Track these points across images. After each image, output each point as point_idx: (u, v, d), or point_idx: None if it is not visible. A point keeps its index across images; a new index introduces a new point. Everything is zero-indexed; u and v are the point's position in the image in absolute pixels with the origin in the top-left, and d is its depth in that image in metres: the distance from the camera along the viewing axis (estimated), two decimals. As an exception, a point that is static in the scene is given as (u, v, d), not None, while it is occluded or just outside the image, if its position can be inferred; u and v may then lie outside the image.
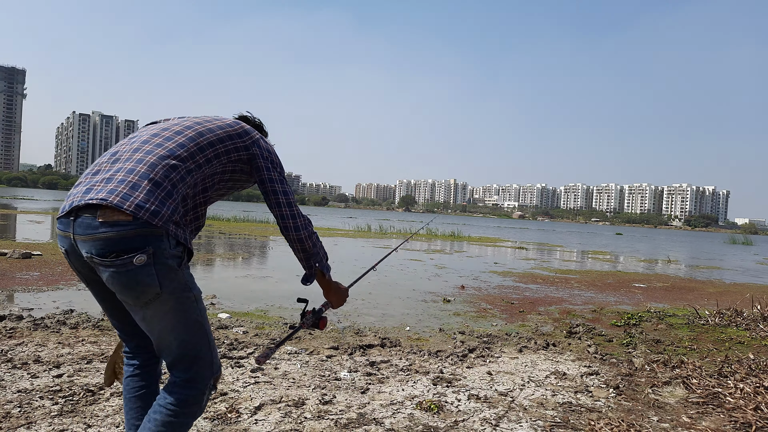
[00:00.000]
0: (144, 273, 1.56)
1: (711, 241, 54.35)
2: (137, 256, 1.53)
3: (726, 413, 3.14)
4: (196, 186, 1.76)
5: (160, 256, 1.57)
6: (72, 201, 1.60)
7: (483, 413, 3.01)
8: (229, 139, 1.82)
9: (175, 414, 1.69)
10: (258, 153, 1.86)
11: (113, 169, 1.65)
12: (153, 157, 1.65)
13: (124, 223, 1.53)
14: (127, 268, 1.55)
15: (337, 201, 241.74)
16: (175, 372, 1.75)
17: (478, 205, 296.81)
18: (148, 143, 1.72)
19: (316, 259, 1.95)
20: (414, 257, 13.57)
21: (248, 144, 1.86)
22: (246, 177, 1.93)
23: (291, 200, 1.87)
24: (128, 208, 1.52)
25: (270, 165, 1.87)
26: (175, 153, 1.69)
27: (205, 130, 1.80)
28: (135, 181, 1.59)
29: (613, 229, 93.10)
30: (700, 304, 7.69)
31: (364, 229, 27.09)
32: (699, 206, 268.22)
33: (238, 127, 1.87)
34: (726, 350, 4.76)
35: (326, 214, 68.38)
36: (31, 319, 4.55)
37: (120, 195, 1.55)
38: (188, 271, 1.70)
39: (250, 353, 3.93)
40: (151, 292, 1.59)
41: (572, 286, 9.63)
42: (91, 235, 1.54)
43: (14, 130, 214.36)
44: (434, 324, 5.56)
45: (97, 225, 1.53)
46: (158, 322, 1.68)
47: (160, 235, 1.57)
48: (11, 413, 2.60)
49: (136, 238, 1.53)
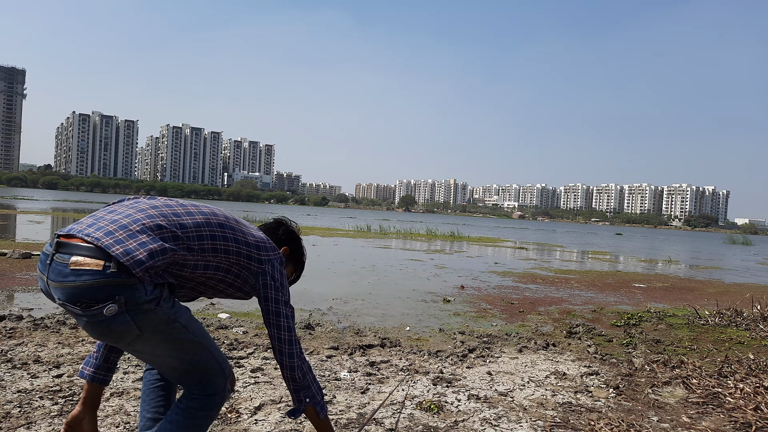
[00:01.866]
0: (117, 321, 1.51)
1: (711, 241, 54.36)
2: (107, 307, 1.48)
3: (726, 413, 3.15)
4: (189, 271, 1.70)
5: (133, 304, 1.52)
6: (71, 227, 1.58)
7: (483, 413, 3.01)
8: (246, 247, 1.78)
9: (195, 417, 1.72)
10: (269, 271, 1.82)
11: (123, 213, 1.63)
12: (160, 221, 1.63)
13: (92, 272, 1.47)
14: (98, 318, 1.50)
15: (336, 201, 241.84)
16: (188, 388, 1.76)
17: (478, 205, 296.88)
18: (168, 207, 1.71)
19: (307, 393, 1.88)
20: (414, 257, 13.57)
21: (263, 259, 1.82)
22: (247, 287, 1.85)
23: (288, 325, 1.83)
24: (114, 252, 1.48)
25: (278, 285, 1.83)
26: (184, 228, 1.66)
27: (230, 226, 1.77)
28: (135, 230, 1.56)
29: (613, 229, 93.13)
30: (700, 304, 7.69)
31: (364, 229, 27.09)
32: (699, 206, 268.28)
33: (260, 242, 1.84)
34: (726, 350, 4.76)
35: (326, 214, 68.38)
36: (31, 319, 4.55)
37: (113, 238, 1.52)
38: (169, 304, 1.63)
39: (250, 353, 3.93)
40: (130, 336, 1.56)
41: (572, 286, 9.63)
42: (61, 282, 1.49)
43: (14, 130, 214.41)
44: (434, 324, 5.56)
45: (67, 273, 1.48)
46: (150, 353, 1.68)
47: (132, 284, 1.51)
48: (11, 413, 2.60)
49: (106, 288, 1.48)
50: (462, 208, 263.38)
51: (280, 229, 2.12)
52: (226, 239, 1.73)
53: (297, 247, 2.14)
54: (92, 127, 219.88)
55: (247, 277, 1.81)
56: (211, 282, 1.78)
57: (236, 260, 1.76)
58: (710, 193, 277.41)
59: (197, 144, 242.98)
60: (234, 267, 1.77)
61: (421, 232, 27.56)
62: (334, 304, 6.35)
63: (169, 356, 1.68)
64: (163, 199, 1.79)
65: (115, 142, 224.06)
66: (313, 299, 6.55)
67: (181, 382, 1.76)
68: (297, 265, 2.15)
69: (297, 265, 2.15)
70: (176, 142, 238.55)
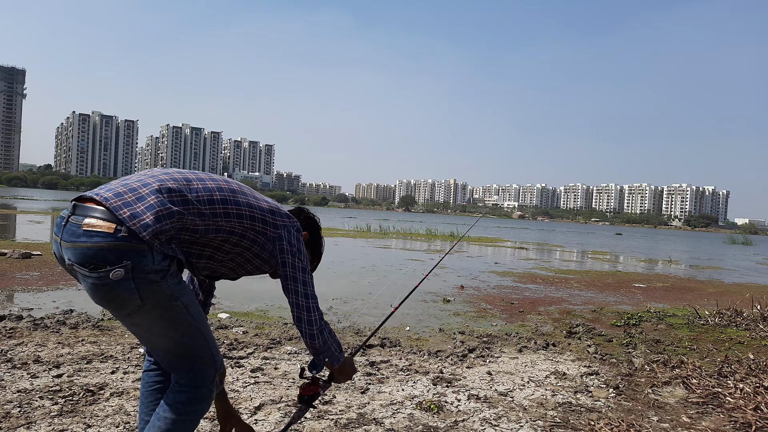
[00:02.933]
0: (122, 287, 1.53)
1: (711, 241, 54.36)
2: (114, 271, 1.50)
3: (726, 413, 3.15)
4: (202, 235, 1.71)
5: (139, 271, 1.53)
6: (86, 192, 1.62)
7: (483, 413, 3.01)
8: (260, 211, 1.79)
9: (184, 412, 1.71)
10: (285, 236, 1.83)
11: (135, 177, 1.67)
12: (171, 184, 1.65)
13: (103, 234, 1.49)
14: (103, 281, 1.52)
15: (336, 201, 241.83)
16: (177, 375, 1.74)
17: (478, 205, 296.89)
18: (180, 173, 1.73)
19: (326, 355, 1.92)
20: (414, 257, 13.57)
21: (278, 224, 1.83)
22: (265, 254, 1.85)
23: (308, 292, 1.84)
24: (122, 215, 1.51)
25: (295, 250, 1.83)
26: (195, 192, 1.68)
27: (242, 191, 1.79)
28: (144, 193, 1.58)
29: (613, 229, 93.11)
30: (699, 304, 7.69)
31: (364, 229, 27.09)
32: (699, 206, 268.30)
33: (276, 208, 1.85)
34: (726, 350, 4.76)
35: (326, 214, 68.35)
36: (30, 319, 4.55)
37: (122, 200, 1.55)
38: (175, 280, 1.64)
39: (250, 353, 3.93)
40: (131, 305, 1.57)
41: (572, 286, 9.63)
42: (72, 242, 1.52)
43: (14, 130, 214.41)
44: (434, 324, 5.56)
45: (80, 233, 1.51)
46: (146, 330, 1.67)
47: (142, 249, 1.53)
48: (11, 413, 2.60)
49: (114, 251, 1.50)
50: (462, 208, 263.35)
51: (302, 215, 2.10)
52: (239, 204, 1.74)
53: (317, 235, 2.11)
54: (92, 127, 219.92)
55: (264, 243, 1.81)
56: (228, 247, 1.77)
57: (251, 225, 1.76)
58: (710, 193, 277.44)
59: (197, 144, 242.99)
60: (249, 232, 1.77)
61: (420, 232, 27.56)
62: (334, 304, 6.35)
63: (165, 336, 1.67)
64: (183, 170, 1.80)
65: (115, 142, 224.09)
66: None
67: (173, 367, 1.74)
68: (315, 254, 2.13)
69: (315, 254, 2.13)
70: (176, 142, 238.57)
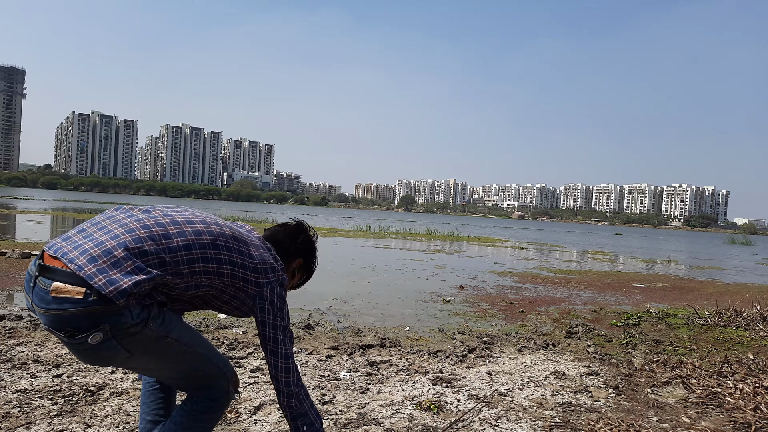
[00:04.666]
0: (104, 348, 1.46)
1: (710, 241, 54.36)
2: (92, 335, 1.43)
3: (725, 413, 3.15)
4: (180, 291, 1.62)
5: (119, 330, 1.46)
6: (59, 247, 1.51)
7: (483, 413, 3.01)
8: (242, 269, 1.68)
9: (199, 419, 1.72)
10: (267, 295, 1.72)
11: (112, 233, 1.54)
12: (148, 246, 1.53)
13: (73, 301, 1.42)
14: (84, 347, 1.45)
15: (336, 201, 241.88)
16: (190, 394, 1.75)
17: (477, 205, 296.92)
18: (160, 227, 1.60)
19: (305, 421, 1.79)
20: (414, 257, 13.57)
21: (261, 282, 1.72)
22: (245, 308, 1.76)
23: (285, 351, 1.74)
24: (97, 283, 1.42)
25: (276, 310, 1.74)
26: (173, 252, 1.56)
27: (225, 246, 1.66)
28: (120, 257, 1.47)
29: (613, 229, 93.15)
30: (699, 304, 7.69)
31: (364, 229, 27.08)
32: (699, 206, 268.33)
33: (259, 264, 1.72)
34: (725, 350, 4.77)
35: (326, 214, 68.36)
36: (30, 319, 4.55)
37: (97, 267, 1.44)
38: (159, 321, 1.56)
39: (249, 353, 3.93)
40: (120, 358, 1.52)
41: (572, 286, 9.63)
42: (44, 309, 1.45)
43: (14, 129, 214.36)
44: (434, 324, 5.56)
45: (50, 300, 1.44)
46: (143, 369, 1.65)
47: (116, 310, 1.45)
48: (11, 413, 2.60)
49: (88, 317, 1.43)
50: (462, 208, 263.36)
51: (300, 237, 1.99)
52: (220, 261, 1.63)
53: (312, 258, 2.04)
54: (92, 127, 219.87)
55: (244, 299, 1.73)
56: (206, 298, 1.72)
57: (231, 282, 1.67)
58: (710, 193, 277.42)
59: (197, 144, 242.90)
60: (229, 288, 1.69)
61: (420, 232, 27.56)
62: (334, 304, 6.35)
63: (164, 369, 1.66)
64: (157, 211, 1.68)
65: (115, 141, 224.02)
66: (313, 299, 6.55)
67: (182, 389, 1.76)
68: (306, 274, 2.07)
69: (306, 274, 2.07)
70: (176, 141, 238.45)
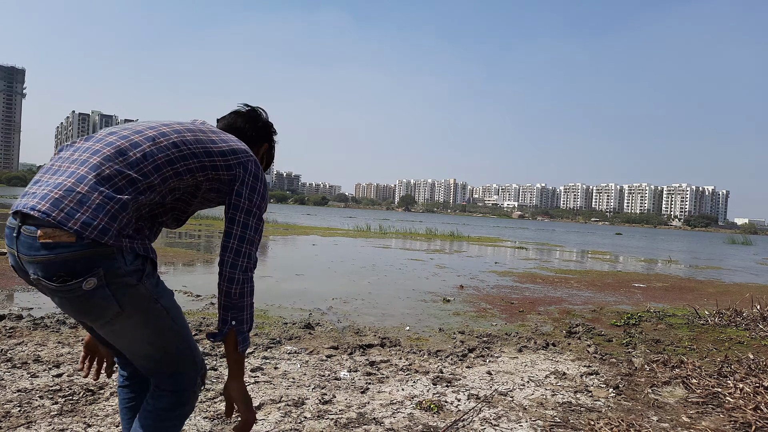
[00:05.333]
0: (98, 296, 1.39)
1: (710, 241, 54.35)
2: (86, 281, 1.36)
3: (725, 413, 3.15)
4: (159, 203, 1.55)
5: (113, 276, 1.39)
6: (20, 203, 1.42)
7: (483, 413, 3.01)
8: (208, 157, 1.57)
9: (166, 418, 1.61)
10: (240, 175, 1.62)
11: (66, 171, 1.45)
12: (108, 169, 1.44)
13: (65, 245, 1.34)
14: (76, 294, 1.37)
15: (336, 200, 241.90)
16: (158, 379, 1.63)
17: (477, 204, 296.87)
18: (111, 146, 1.48)
19: (236, 316, 1.60)
20: (414, 257, 13.57)
21: (231, 164, 1.61)
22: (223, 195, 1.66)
23: (250, 237, 1.62)
24: (72, 227, 1.34)
25: (250, 193, 1.64)
26: (136, 165, 1.46)
27: (182, 141, 1.55)
28: (84, 192, 1.37)
29: (613, 229, 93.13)
30: (699, 304, 7.69)
31: (364, 229, 27.08)
32: (699, 206, 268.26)
33: (224, 146, 1.62)
34: (726, 350, 4.77)
35: (326, 213, 68.36)
36: (30, 319, 4.55)
37: (65, 210, 1.35)
38: (153, 281, 1.51)
39: (249, 353, 3.93)
40: (110, 313, 1.44)
41: (572, 285, 9.63)
42: (33, 257, 1.36)
43: (14, 129, 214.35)
44: (434, 324, 5.56)
45: (38, 246, 1.35)
46: (126, 336, 1.55)
47: (111, 253, 1.38)
48: (11, 413, 2.60)
49: (82, 261, 1.36)
50: (462, 207, 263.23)
51: (260, 121, 1.88)
52: (185, 158, 1.54)
53: (273, 142, 1.95)
54: (92, 127, 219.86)
55: (221, 188, 1.63)
56: (185, 199, 1.63)
57: (203, 175, 1.58)
58: (710, 193, 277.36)
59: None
60: (204, 183, 1.60)
61: (420, 231, 27.56)
62: (334, 304, 6.34)
63: (145, 340, 1.56)
64: (100, 134, 1.56)
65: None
66: (313, 299, 6.55)
67: (154, 372, 1.63)
68: (269, 160, 1.98)
69: (269, 160, 1.98)
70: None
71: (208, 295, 6.28)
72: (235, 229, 1.60)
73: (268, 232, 19.68)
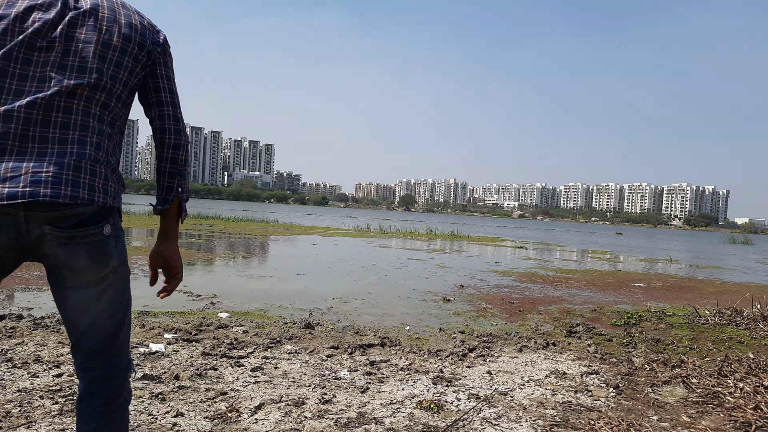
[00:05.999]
0: (111, 244, 1.46)
1: (711, 240, 54.36)
2: (106, 226, 1.43)
3: (726, 412, 3.15)
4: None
5: (115, 227, 1.47)
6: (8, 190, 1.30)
7: (483, 412, 3.01)
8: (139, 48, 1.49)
9: (125, 413, 1.55)
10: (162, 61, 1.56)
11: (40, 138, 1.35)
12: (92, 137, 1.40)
13: (83, 205, 1.39)
14: (97, 238, 1.42)
15: (336, 200, 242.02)
16: (100, 360, 1.53)
17: (478, 204, 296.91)
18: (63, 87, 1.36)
19: (182, 182, 1.61)
20: (414, 257, 13.57)
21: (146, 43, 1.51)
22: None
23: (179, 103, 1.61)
24: (83, 199, 1.37)
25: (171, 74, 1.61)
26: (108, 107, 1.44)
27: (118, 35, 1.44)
28: (75, 164, 1.37)
29: (613, 229, 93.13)
30: (700, 304, 7.69)
31: (364, 228, 27.08)
32: (699, 206, 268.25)
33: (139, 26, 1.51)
34: (726, 349, 4.77)
35: (326, 213, 68.39)
36: (31, 319, 4.55)
37: (70, 186, 1.34)
38: (124, 235, 1.57)
39: (250, 353, 3.93)
40: (111, 266, 1.48)
41: (572, 285, 9.63)
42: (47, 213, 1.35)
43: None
44: (434, 323, 5.56)
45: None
46: (103, 301, 1.49)
47: (112, 207, 1.46)
48: (11, 412, 2.60)
49: (98, 213, 1.42)
50: (462, 207, 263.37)
51: None
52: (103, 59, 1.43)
53: None
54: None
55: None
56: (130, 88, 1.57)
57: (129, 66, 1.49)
58: (710, 193, 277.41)
59: (197, 143, 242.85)
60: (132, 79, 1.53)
61: (420, 231, 27.56)
62: (334, 304, 6.35)
63: (110, 307, 1.51)
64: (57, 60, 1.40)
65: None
66: (313, 298, 6.55)
67: (113, 352, 1.54)
68: None
69: None
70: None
71: (208, 295, 6.28)
72: (170, 99, 1.58)
73: (269, 233, 19.69)
